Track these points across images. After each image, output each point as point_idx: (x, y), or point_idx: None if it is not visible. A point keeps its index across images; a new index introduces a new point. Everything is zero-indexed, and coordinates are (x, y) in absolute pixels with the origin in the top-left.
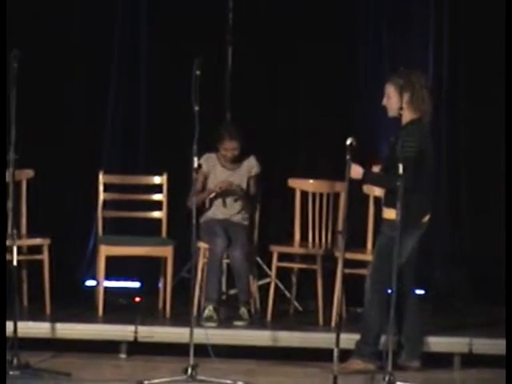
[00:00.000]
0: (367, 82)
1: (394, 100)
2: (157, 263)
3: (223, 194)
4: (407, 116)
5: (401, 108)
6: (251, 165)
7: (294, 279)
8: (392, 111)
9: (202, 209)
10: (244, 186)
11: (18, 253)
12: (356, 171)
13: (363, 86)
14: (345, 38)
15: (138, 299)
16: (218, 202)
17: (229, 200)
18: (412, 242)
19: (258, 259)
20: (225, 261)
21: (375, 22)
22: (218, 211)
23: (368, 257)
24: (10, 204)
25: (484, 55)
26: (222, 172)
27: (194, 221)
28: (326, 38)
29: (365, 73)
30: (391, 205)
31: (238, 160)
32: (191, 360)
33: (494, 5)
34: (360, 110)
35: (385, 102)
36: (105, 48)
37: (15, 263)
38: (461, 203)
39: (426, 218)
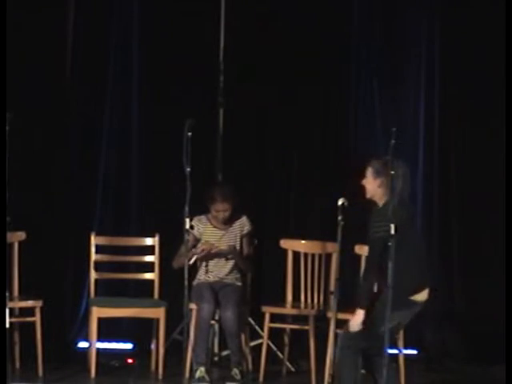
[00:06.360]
0: (358, 143)
1: (368, 181)
2: (149, 324)
3: (212, 256)
4: (382, 199)
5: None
6: (243, 223)
7: (286, 340)
8: (368, 192)
9: (195, 270)
10: (237, 245)
11: (10, 315)
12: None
13: (354, 146)
14: (335, 101)
15: (130, 361)
16: (210, 264)
17: (219, 261)
18: (399, 318)
19: (250, 320)
20: (214, 322)
21: (366, 81)
22: (210, 273)
23: None
24: None
25: (476, 122)
26: (213, 233)
27: (186, 282)
28: (316, 100)
29: (355, 134)
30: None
31: (229, 220)
32: None
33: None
34: (352, 170)
35: (363, 182)
36: (96, 111)
37: (7, 325)
38: (453, 263)
39: (418, 296)
